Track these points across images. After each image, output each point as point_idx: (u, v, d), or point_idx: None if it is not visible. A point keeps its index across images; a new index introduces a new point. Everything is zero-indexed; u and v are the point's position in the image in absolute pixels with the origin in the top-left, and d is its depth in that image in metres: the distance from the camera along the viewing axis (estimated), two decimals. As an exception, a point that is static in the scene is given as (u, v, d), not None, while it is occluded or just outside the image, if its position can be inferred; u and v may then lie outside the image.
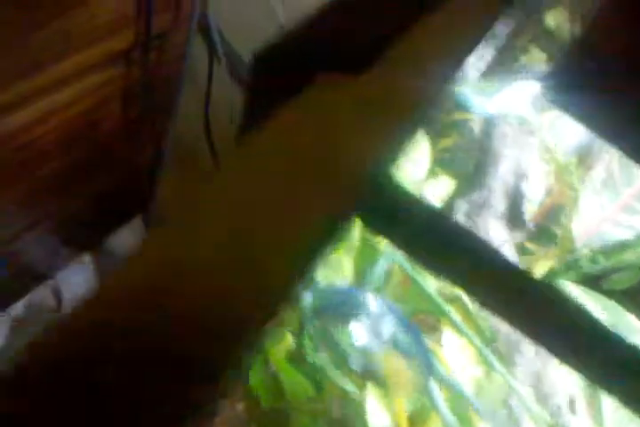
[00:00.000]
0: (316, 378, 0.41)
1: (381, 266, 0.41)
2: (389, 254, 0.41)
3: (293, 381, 0.41)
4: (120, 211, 1.17)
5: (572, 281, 0.58)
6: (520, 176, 0.60)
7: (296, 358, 0.42)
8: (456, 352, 0.43)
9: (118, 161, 1.02)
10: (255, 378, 0.41)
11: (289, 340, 0.42)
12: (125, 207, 1.18)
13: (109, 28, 0.88)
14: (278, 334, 0.42)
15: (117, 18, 0.88)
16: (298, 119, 0.25)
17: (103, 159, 0.98)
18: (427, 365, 0.37)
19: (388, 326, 0.38)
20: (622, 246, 0.55)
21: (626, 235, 0.56)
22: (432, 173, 0.61)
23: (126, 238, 1.11)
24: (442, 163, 0.65)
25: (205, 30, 1.07)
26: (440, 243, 0.26)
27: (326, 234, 0.23)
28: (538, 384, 0.46)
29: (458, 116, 0.72)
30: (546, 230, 0.63)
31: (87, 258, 1.09)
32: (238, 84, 1.02)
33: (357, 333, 0.38)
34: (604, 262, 0.55)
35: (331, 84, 0.28)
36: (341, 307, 0.39)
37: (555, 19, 0.65)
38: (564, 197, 0.60)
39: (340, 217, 0.24)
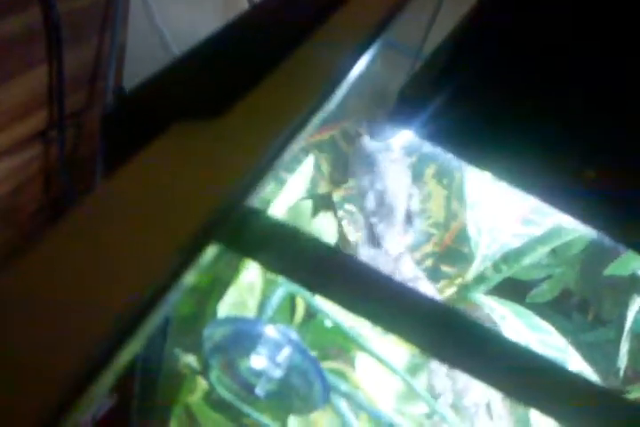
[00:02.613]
0: (233, 414, 0.42)
1: (277, 296, 0.43)
2: (286, 285, 0.43)
3: (212, 422, 0.42)
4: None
5: (484, 293, 0.61)
6: (417, 206, 0.62)
7: (212, 398, 0.43)
8: (368, 373, 0.45)
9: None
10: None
11: (202, 383, 0.43)
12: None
13: (19, 112, 0.89)
14: (191, 379, 0.43)
15: (27, 101, 0.90)
16: (147, 164, 0.27)
17: (26, 242, 0.98)
18: (323, 384, 0.38)
19: (286, 353, 0.39)
20: (518, 253, 0.59)
21: (519, 243, 0.60)
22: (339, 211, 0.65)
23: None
24: (352, 200, 0.68)
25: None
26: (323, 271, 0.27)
27: (180, 263, 0.24)
28: (454, 390, 0.48)
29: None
30: (456, 252, 0.66)
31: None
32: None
33: (258, 362, 0.40)
34: (506, 270, 0.59)
35: (183, 130, 0.29)
36: (241, 338, 0.40)
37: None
38: (465, 219, 0.63)
39: (195, 247, 0.25)
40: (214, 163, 0.28)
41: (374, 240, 0.58)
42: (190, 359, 0.43)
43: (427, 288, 0.60)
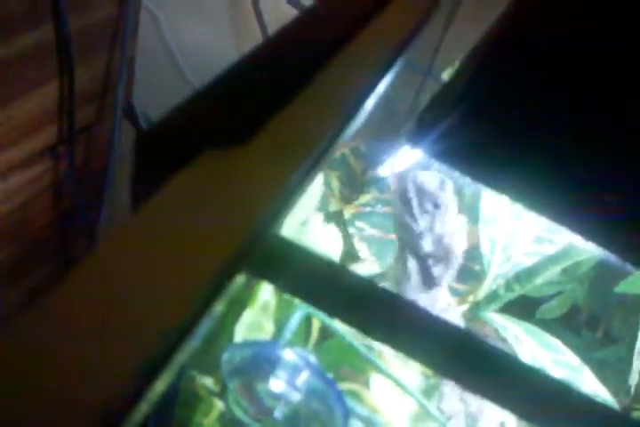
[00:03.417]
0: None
1: (295, 319, 0.43)
2: (304, 307, 0.43)
3: (228, 444, 0.42)
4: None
5: (496, 311, 0.61)
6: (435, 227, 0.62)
7: (226, 420, 0.43)
8: (384, 394, 0.45)
9: (52, 255, 1.02)
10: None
11: (218, 404, 0.43)
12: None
13: (30, 127, 0.90)
14: (207, 401, 0.43)
15: (38, 116, 0.90)
16: (175, 194, 0.27)
17: (36, 254, 0.98)
18: (343, 409, 0.38)
19: (305, 377, 0.39)
20: (530, 272, 0.59)
21: (530, 261, 0.60)
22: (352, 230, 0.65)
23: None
24: (362, 217, 0.69)
25: (132, 117, 1.10)
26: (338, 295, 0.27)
27: (210, 293, 0.24)
28: (468, 412, 0.48)
29: (373, 173, 0.77)
30: (467, 269, 0.66)
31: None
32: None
33: (276, 386, 0.40)
34: (518, 289, 0.59)
35: (210, 160, 0.29)
36: (259, 362, 0.40)
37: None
38: (478, 236, 0.64)
39: (225, 277, 0.25)
40: (241, 191, 0.28)
41: (430, 282, 0.58)
42: (207, 381, 0.44)
43: (454, 314, 0.59)
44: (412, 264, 0.58)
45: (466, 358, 0.27)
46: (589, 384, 0.54)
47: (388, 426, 0.43)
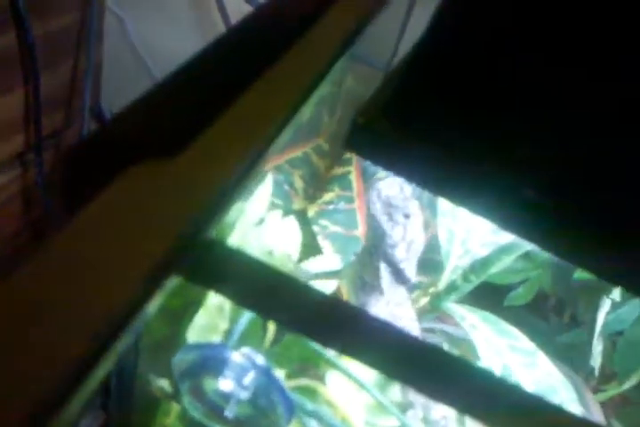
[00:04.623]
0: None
1: (244, 320, 0.44)
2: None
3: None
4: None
5: (460, 301, 0.62)
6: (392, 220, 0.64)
7: (187, 419, 0.44)
8: (339, 388, 0.46)
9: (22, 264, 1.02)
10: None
11: (175, 406, 0.44)
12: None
13: (-3, 135, 0.90)
14: (166, 402, 0.44)
15: (5, 124, 0.90)
16: (103, 206, 0.28)
17: (6, 263, 0.98)
18: (287, 404, 0.39)
19: (252, 376, 0.41)
20: (484, 263, 0.60)
21: (488, 252, 0.61)
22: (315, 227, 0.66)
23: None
24: (325, 215, 0.70)
25: (101, 121, 1.10)
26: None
27: (137, 298, 0.25)
28: (422, 404, 0.50)
29: (337, 170, 0.78)
30: (429, 261, 0.67)
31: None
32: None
33: (225, 386, 0.41)
34: (475, 279, 0.60)
35: (144, 168, 0.30)
36: (208, 363, 0.41)
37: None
38: (435, 229, 0.65)
39: (153, 282, 0.26)
40: (173, 198, 0.29)
41: (404, 279, 0.63)
42: (163, 384, 0.45)
43: (408, 312, 0.61)
44: (384, 269, 0.61)
45: (416, 363, 0.28)
46: (544, 368, 0.55)
47: (336, 419, 0.45)
